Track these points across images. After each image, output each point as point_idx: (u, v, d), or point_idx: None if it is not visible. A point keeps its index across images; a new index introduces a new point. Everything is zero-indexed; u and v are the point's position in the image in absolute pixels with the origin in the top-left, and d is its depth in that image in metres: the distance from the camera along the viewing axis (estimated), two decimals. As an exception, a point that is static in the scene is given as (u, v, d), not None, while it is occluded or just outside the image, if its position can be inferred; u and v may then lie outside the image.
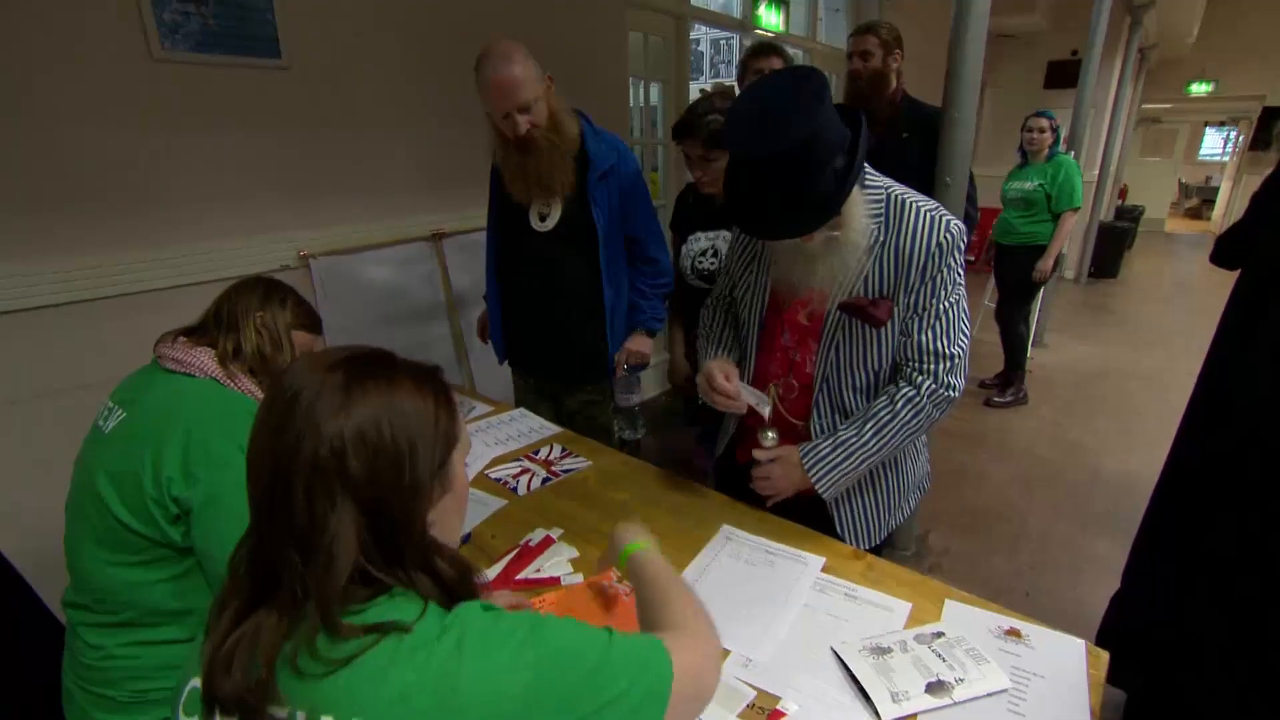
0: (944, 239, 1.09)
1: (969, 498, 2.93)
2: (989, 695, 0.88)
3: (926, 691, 0.87)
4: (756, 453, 1.25)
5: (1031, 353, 4.07)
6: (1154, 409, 3.86)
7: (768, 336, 1.28)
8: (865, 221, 1.10)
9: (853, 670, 0.90)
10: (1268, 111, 9.63)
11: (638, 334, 1.90)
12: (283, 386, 0.59)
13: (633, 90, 3.41)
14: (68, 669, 1.09)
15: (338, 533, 0.55)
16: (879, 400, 1.18)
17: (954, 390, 1.14)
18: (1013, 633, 0.99)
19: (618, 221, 1.78)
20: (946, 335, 1.13)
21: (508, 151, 1.67)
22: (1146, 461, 3.04)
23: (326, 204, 2.13)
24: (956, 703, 0.86)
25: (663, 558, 0.90)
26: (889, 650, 0.94)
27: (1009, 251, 3.79)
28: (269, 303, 1.17)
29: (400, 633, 0.55)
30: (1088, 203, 6.43)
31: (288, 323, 1.18)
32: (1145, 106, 10.43)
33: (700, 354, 1.43)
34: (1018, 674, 0.91)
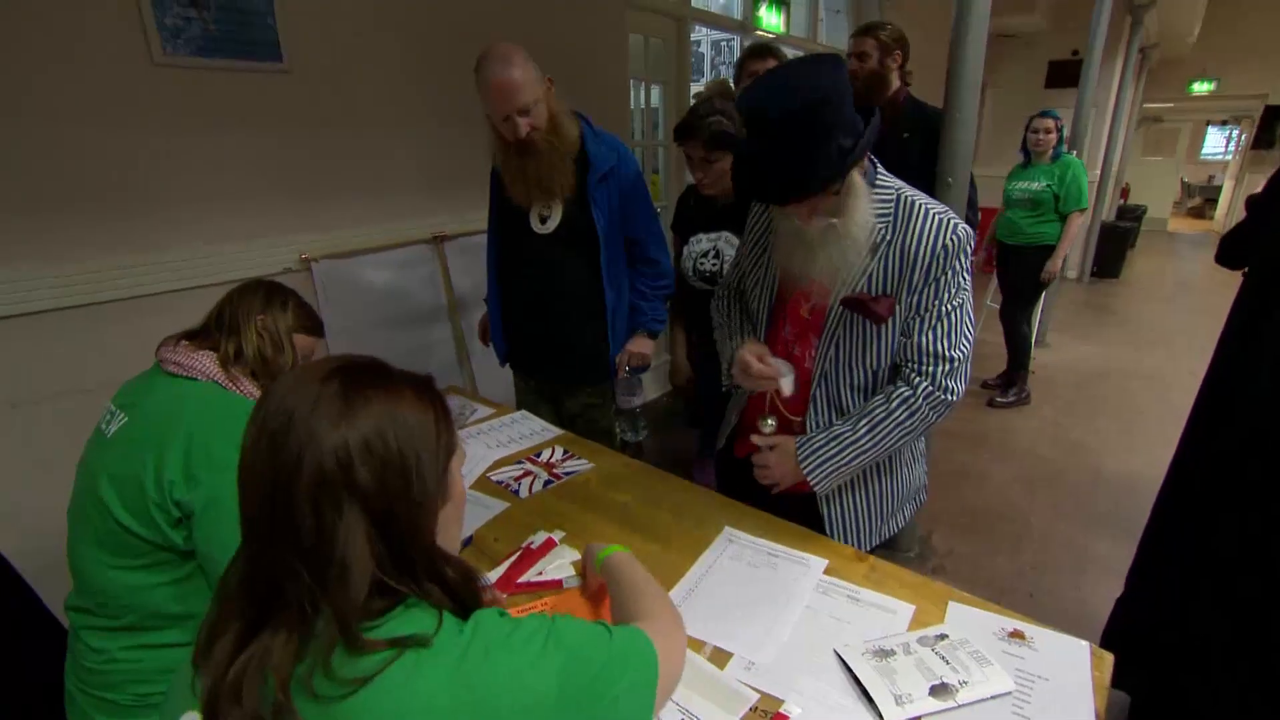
0: (950, 241, 1.09)
1: (972, 498, 2.92)
2: (993, 698, 0.87)
3: (930, 694, 0.87)
4: (755, 439, 1.25)
5: (1034, 353, 4.05)
6: (1156, 409, 3.85)
7: (772, 328, 1.29)
8: (867, 217, 1.10)
9: (856, 673, 0.90)
10: (1270, 110, 9.61)
11: (639, 336, 1.90)
12: (272, 405, 0.57)
13: (633, 92, 3.41)
14: (70, 672, 1.10)
15: (349, 545, 0.54)
16: (876, 398, 1.18)
17: (951, 394, 1.14)
18: (1016, 635, 0.98)
19: (618, 223, 1.78)
20: (947, 338, 1.13)
21: (508, 154, 1.67)
22: (1149, 462, 3.04)
23: (328, 207, 2.13)
24: (960, 705, 0.86)
25: (633, 560, 0.95)
26: (892, 653, 0.94)
27: (1015, 251, 3.76)
28: (270, 306, 1.17)
29: (420, 646, 0.54)
30: (1090, 203, 6.42)
31: (289, 325, 1.18)
32: (1147, 106, 10.41)
33: (718, 343, 1.42)
34: (1022, 676, 0.91)
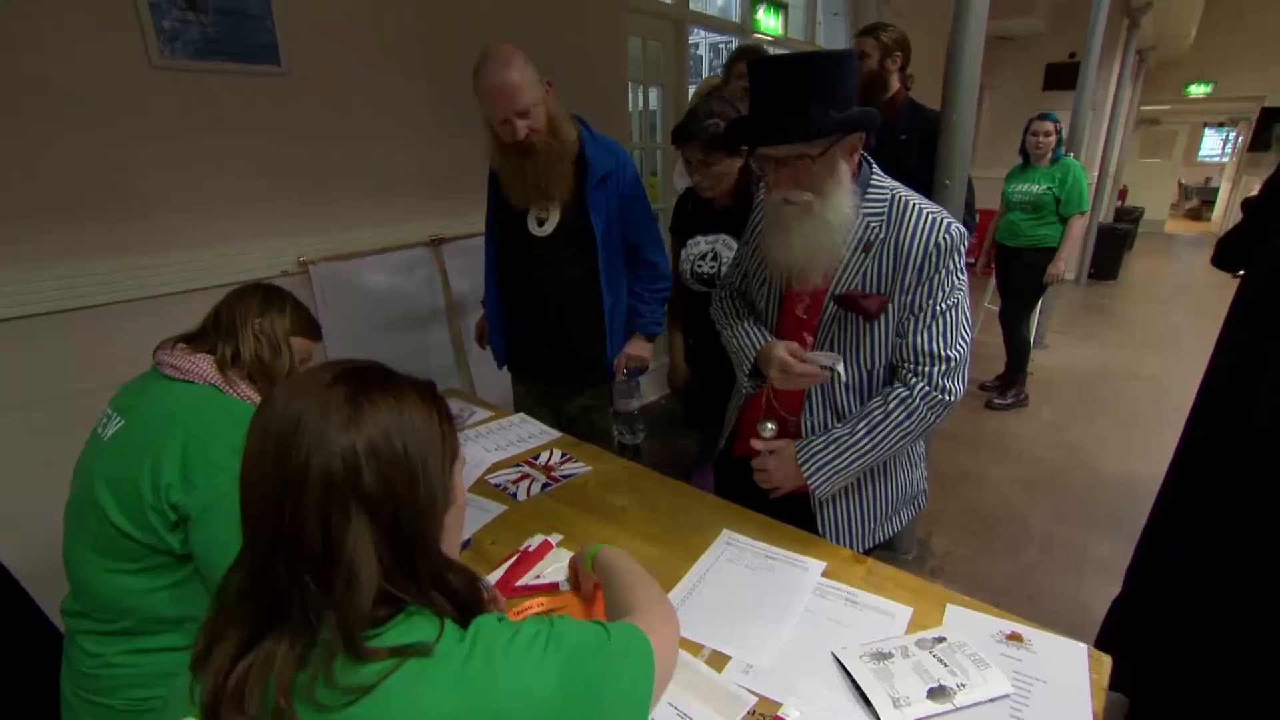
0: (942, 240, 1.09)
1: (970, 500, 2.92)
2: (991, 700, 0.87)
3: (928, 697, 0.87)
4: (755, 443, 1.25)
5: (1032, 355, 4.06)
6: (1155, 410, 3.85)
7: (776, 326, 1.29)
8: (847, 207, 1.10)
9: (854, 676, 0.90)
10: (1266, 112, 9.64)
11: (637, 338, 1.90)
12: (277, 410, 0.57)
13: (631, 94, 3.41)
14: (66, 677, 1.09)
15: (356, 550, 0.54)
16: (874, 400, 1.18)
17: (949, 394, 1.14)
18: (1014, 637, 0.98)
19: (616, 226, 1.78)
20: (943, 337, 1.13)
21: (506, 156, 1.67)
22: (1148, 463, 3.04)
23: (326, 209, 2.13)
24: (958, 708, 0.86)
25: (625, 555, 0.96)
26: (890, 655, 0.93)
27: (1015, 254, 3.73)
28: (268, 309, 1.17)
29: (422, 655, 0.54)
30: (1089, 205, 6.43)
31: (286, 329, 1.18)
32: (1144, 108, 10.44)
33: (726, 344, 1.40)
34: (1020, 679, 0.91)
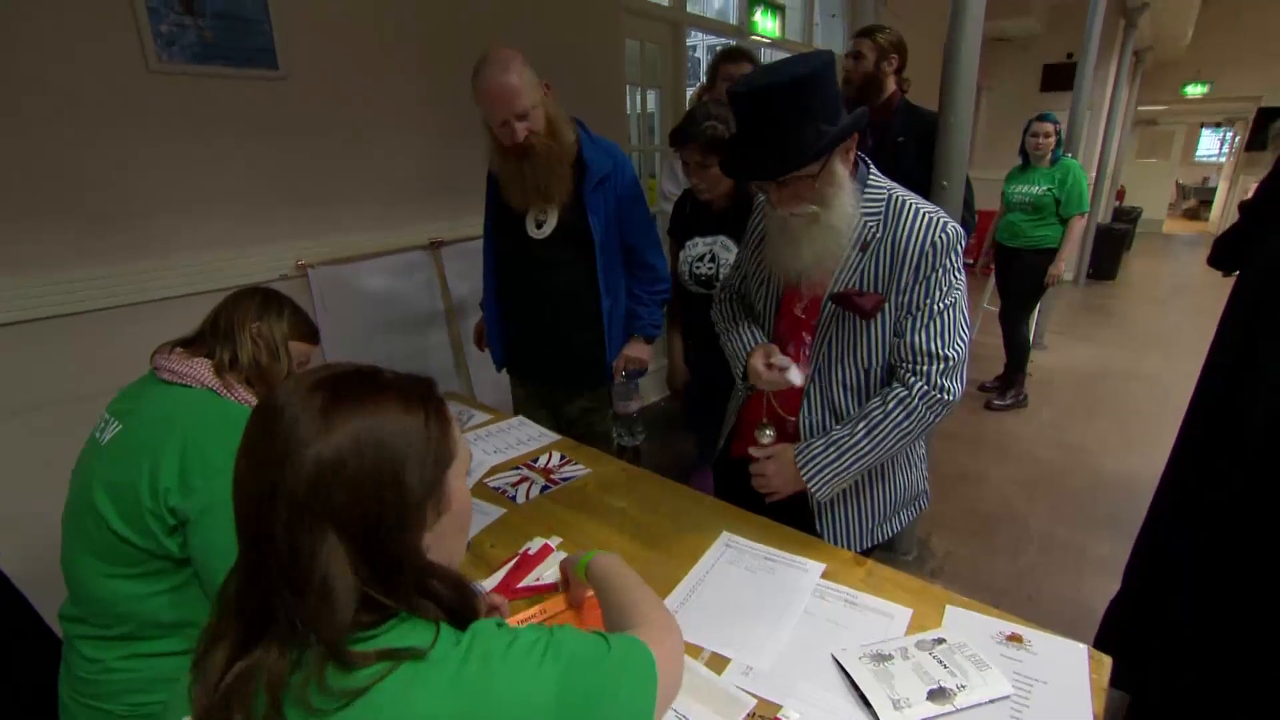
0: (939, 239, 1.10)
1: (970, 501, 2.92)
2: (991, 702, 0.87)
3: (928, 698, 0.87)
4: (753, 450, 1.25)
5: (1031, 355, 4.06)
6: (1154, 410, 3.85)
7: (774, 327, 1.30)
8: (850, 210, 1.11)
9: (854, 677, 0.90)
10: (1263, 112, 9.65)
11: (636, 340, 1.91)
12: (264, 411, 0.57)
13: (629, 97, 3.42)
14: (64, 682, 1.09)
15: (328, 568, 0.53)
16: (872, 401, 1.18)
17: (947, 393, 1.13)
18: (1014, 638, 0.98)
19: (614, 228, 1.78)
20: (941, 336, 1.13)
21: (505, 159, 1.67)
22: (1147, 463, 3.03)
23: (324, 213, 2.13)
24: (958, 710, 0.86)
25: (620, 561, 0.93)
26: (890, 657, 0.93)
27: (1016, 254, 3.72)
28: (266, 313, 1.17)
29: (415, 658, 0.53)
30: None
31: (284, 333, 1.18)
32: (1141, 108, 10.45)
33: (724, 346, 1.41)
34: (1020, 680, 0.91)
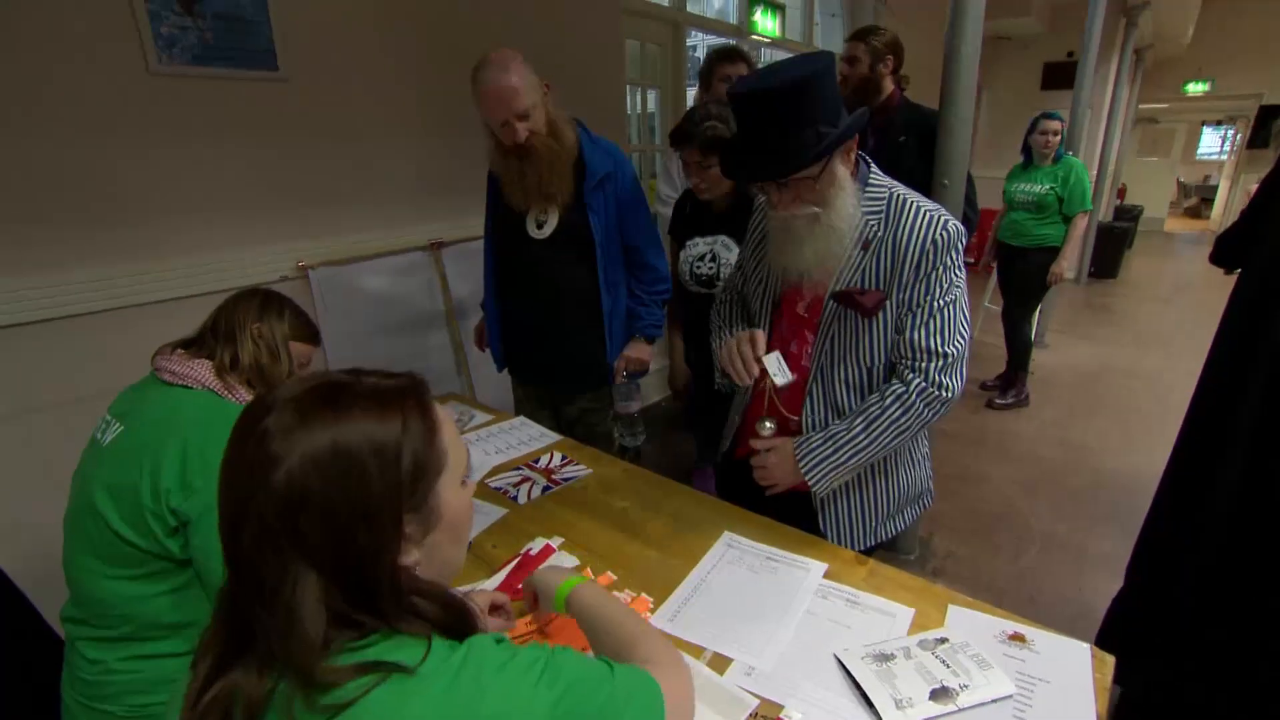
0: (939, 236, 1.10)
1: (972, 500, 2.92)
2: (994, 701, 0.87)
3: (930, 698, 0.86)
4: (754, 442, 1.25)
5: (1033, 353, 4.05)
6: (1156, 408, 3.85)
7: (771, 327, 1.30)
8: (852, 210, 1.12)
9: (856, 677, 0.90)
10: (1264, 110, 9.64)
11: (637, 341, 1.91)
12: (239, 428, 0.56)
13: (629, 97, 3.42)
14: (66, 684, 1.09)
15: (296, 597, 0.51)
16: (871, 397, 1.19)
17: (946, 390, 1.13)
18: (1017, 638, 0.98)
19: (615, 229, 1.78)
20: (940, 334, 1.13)
21: (506, 159, 1.67)
22: (1148, 461, 3.03)
23: (324, 214, 2.13)
24: (961, 709, 0.86)
25: (602, 589, 0.88)
26: (892, 657, 0.93)
27: (1020, 253, 3.69)
28: (266, 314, 1.17)
29: (403, 673, 0.51)
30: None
31: (285, 334, 1.18)
32: (1142, 106, 10.44)
33: (714, 341, 1.43)
34: (1023, 680, 0.90)
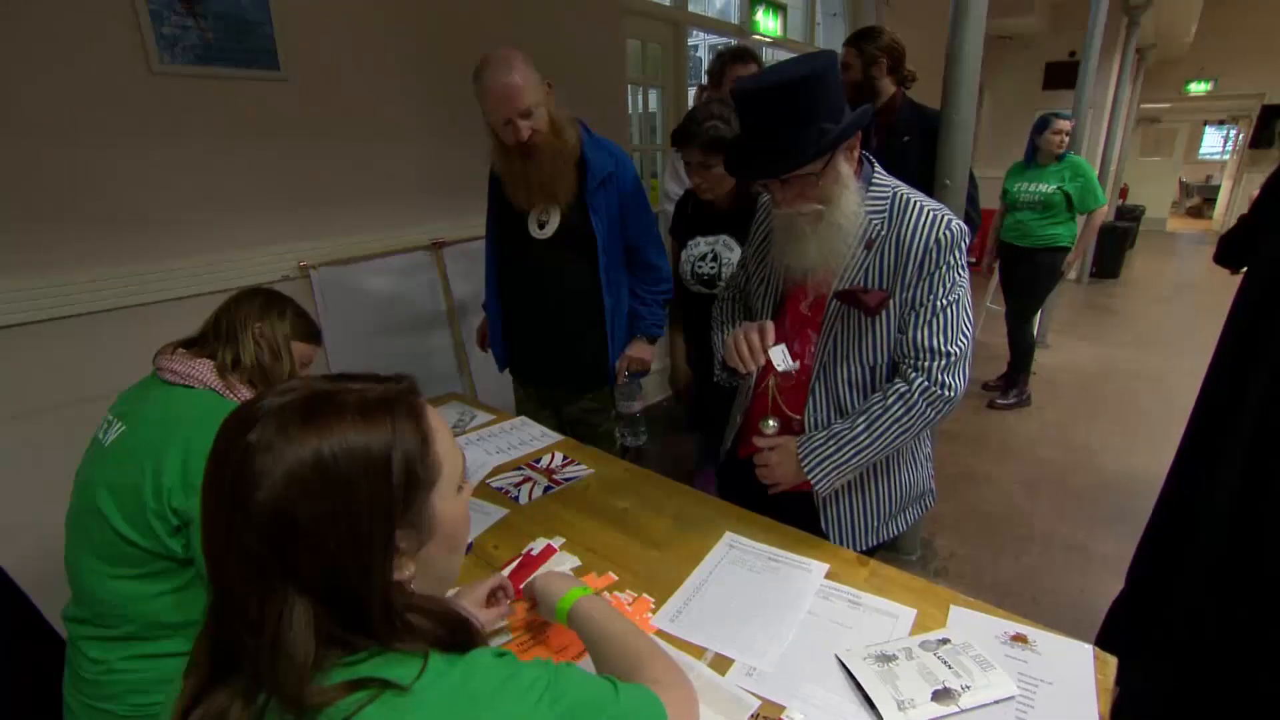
0: (943, 236, 1.10)
1: (974, 501, 2.92)
2: (996, 702, 0.87)
3: (932, 699, 0.86)
4: (757, 440, 1.26)
5: (1034, 354, 4.05)
6: (1158, 409, 3.84)
7: (774, 326, 1.29)
8: (856, 208, 1.12)
9: (858, 678, 0.89)
10: (1267, 109, 9.63)
11: (638, 341, 1.90)
12: (218, 444, 0.53)
13: (631, 97, 3.42)
14: (69, 683, 1.09)
15: (283, 620, 0.49)
16: (874, 396, 1.19)
17: (949, 389, 1.13)
18: (1019, 639, 0.98)
19: (617, 229, 1.78)
20: (943, 333, 1.13)
21: (509, 158, 1.66)
22: (1150, 462, 3.03)
23: (326, 214, 2.13)
24: (963, 710, 0.85)
25: (606, 604, 0.87)
26: (894, 657, 0.93)
27: (1026, 254, 3.65)
28: (268, 313, 1.17)
29: (397, 691, 0.50)
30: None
31: (286, 333, 1.18)
32: (1144, 106, 10.43)
33: (715, 337, 1.43)
34: (1025, 680, 0.90)
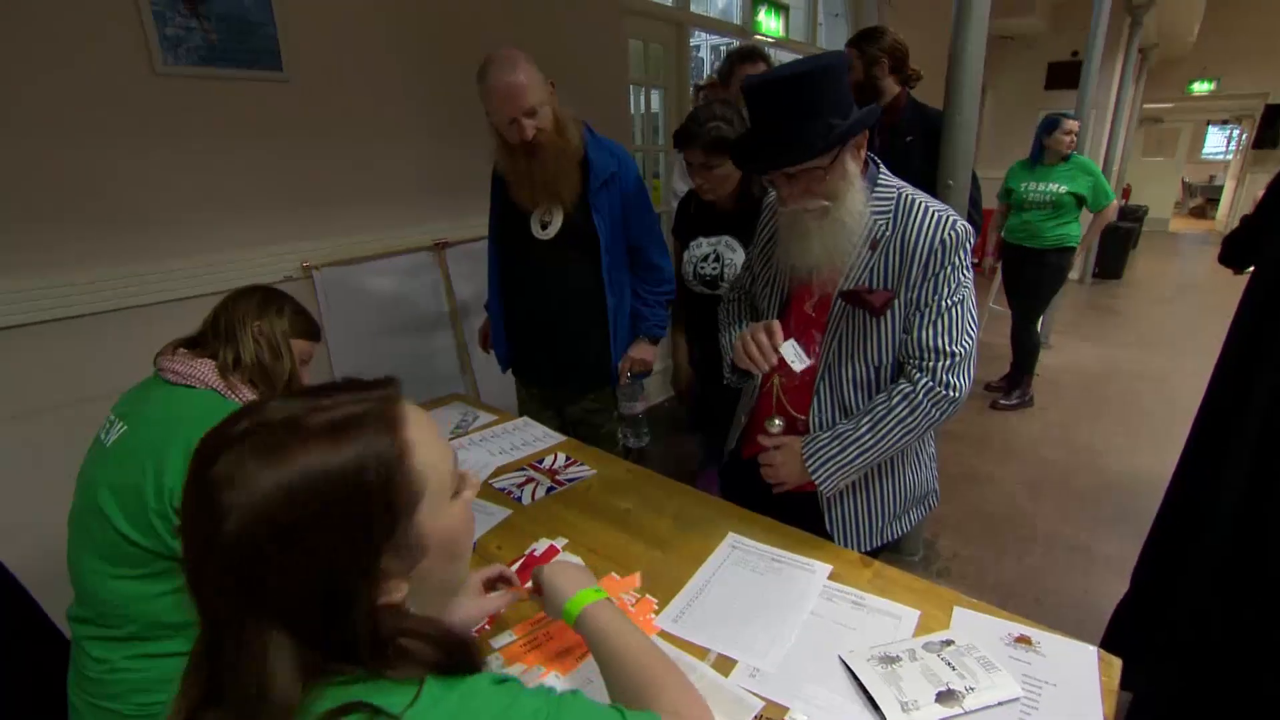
0: (947, 236, 1.10)
1: (977, 501, 2.91)
2: (1000, 704, 0.86)
3: (936, 701, 0.86)
4: (762, 439, 1.26)
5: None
6: (1161, 410, 3.83)
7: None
8: (861, 206, 1.12)
9: (861, 680, 0.89)
10: (1270, 109, 9.60)
11: (641, 341, 1.90)
12: (191, 476, 0.50)
13: (633, 97, 3.42)
14: (73, 683, 1.09)
15: (266, 658, 0.47)
16: (878, 396, 1.19)
17: (954, 390, 1.13)
18: (1023, 640, 0.97)
19: (620, 229, 1.78)
20: (948, 333, 1.13)
21: (513, 158, 1.66)
22: (1154, 463, 3.02)
23: (329, 214, 2.13)
24: (967, 712, 0.85)
25: (620, 613, 0.81)
26: (898, 659, 0.93)
27: (1033, 255, 3.62)
28: (266, 311, 1.17)
29: (388, 719, 0.47)
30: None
31: (285, 330, 1.18)
32: (1147, 106, 10.41)
33: (722, 338, 1.43)
34: (1029, 682, 0.90)
